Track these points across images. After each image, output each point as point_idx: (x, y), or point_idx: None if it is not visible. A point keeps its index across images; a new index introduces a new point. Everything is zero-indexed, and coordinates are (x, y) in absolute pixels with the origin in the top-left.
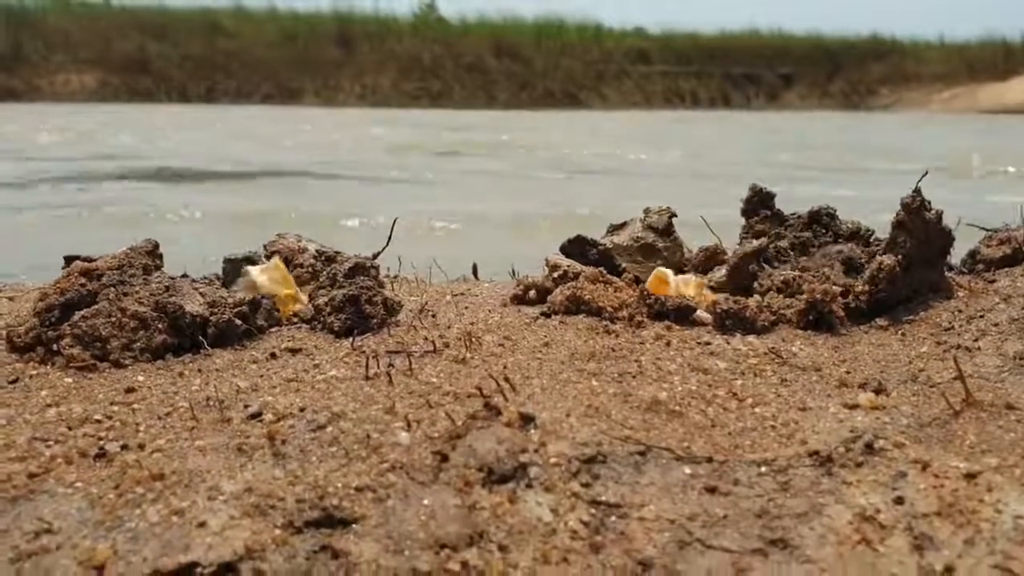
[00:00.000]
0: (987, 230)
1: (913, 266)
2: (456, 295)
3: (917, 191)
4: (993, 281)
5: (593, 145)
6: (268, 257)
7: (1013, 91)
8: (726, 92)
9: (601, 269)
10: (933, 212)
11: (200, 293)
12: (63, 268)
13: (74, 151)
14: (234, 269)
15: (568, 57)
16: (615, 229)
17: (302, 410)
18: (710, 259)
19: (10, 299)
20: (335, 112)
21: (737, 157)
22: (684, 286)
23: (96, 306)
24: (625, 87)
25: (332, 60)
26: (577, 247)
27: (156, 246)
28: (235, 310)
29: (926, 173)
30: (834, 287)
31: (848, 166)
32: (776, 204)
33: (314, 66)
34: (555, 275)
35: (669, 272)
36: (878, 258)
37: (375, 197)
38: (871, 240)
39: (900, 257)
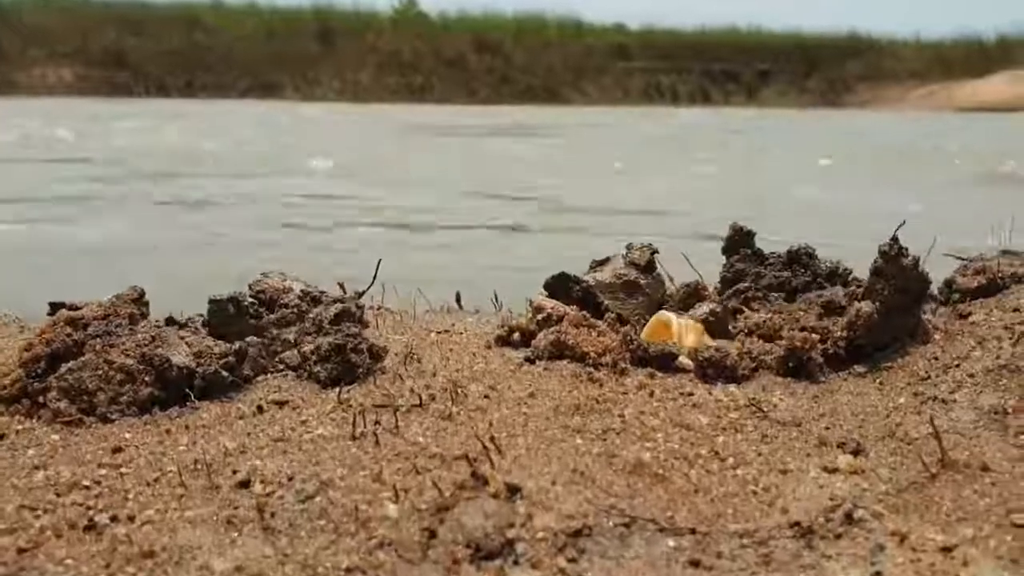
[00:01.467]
0: (963, 259)
1: (891, 312)
2: (440, 333)
3: (895, 238)
4: (968, 315)
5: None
6: (255, 296)
7: (988, 89)
8: (705, 88)
9: (584, 313)
10: (910, 258)
11: (186, 343)
12: (48, 315)
13: None
14: (219, 310)
15: (549, 53)
16: (598, 265)
17: (290, 478)
18: (692, 296)
19: None
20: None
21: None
22: (686, 333)
23: (82, 358)
24: (605, 83)
25: (311, 55)
26: (560, 283)
27: (142, 294)
28: (221, 361)
29: (903, 223)
30: (813, 335)
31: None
32: (756, 243)
33: (293, 61)
34: (539, 317)
35: (672, 317)
36: (856, 305)
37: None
38: (849, 279)
39: (878, 304)
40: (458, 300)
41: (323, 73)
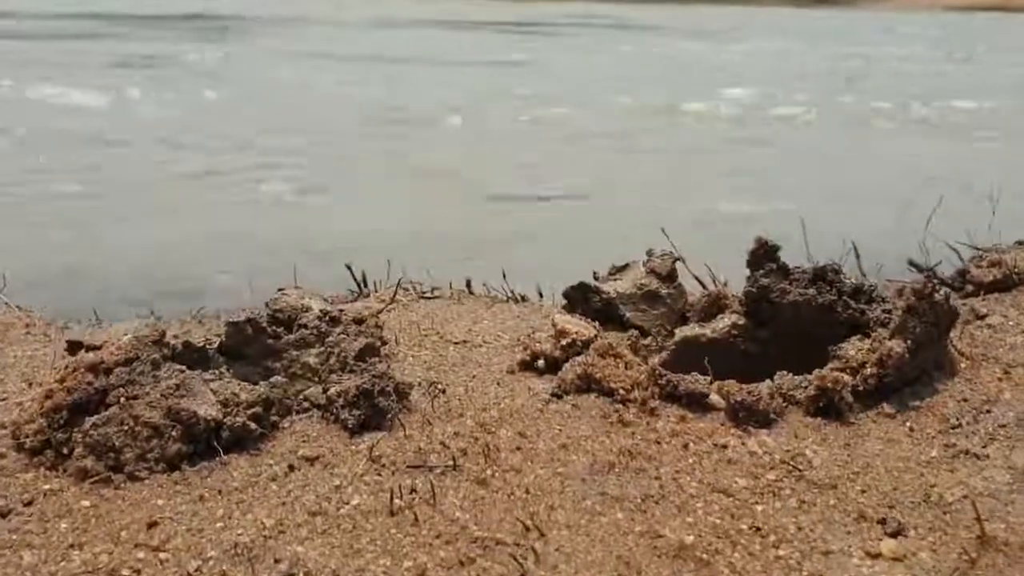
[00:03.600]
0: (978, 249)
1: (920, 348)
2: (458, 344)
3: (930, 276)
4: (984, 316)
5: None
6: (272, 315)
7: None
8: None
9: (610, 343)
10: (942, 293)
11: (211, 390)
12: (64, 351)
13: None
14: (236, 332)
15: None
16: (618, 271)
17: (335, 573)
18: (713, 305)
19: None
20: None
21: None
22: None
23: (107, 412)
24: None
25: None
26: (580, 293)
27: (163, 335)
28: (249, 412)
29: (939, 263)
30: (844, 375)
31: None
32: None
33: None
34: (563, 343)
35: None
36: (887, 344)
37: None
38: (874, 296)
39: (909, 342)
40: (468, 287)
41: None
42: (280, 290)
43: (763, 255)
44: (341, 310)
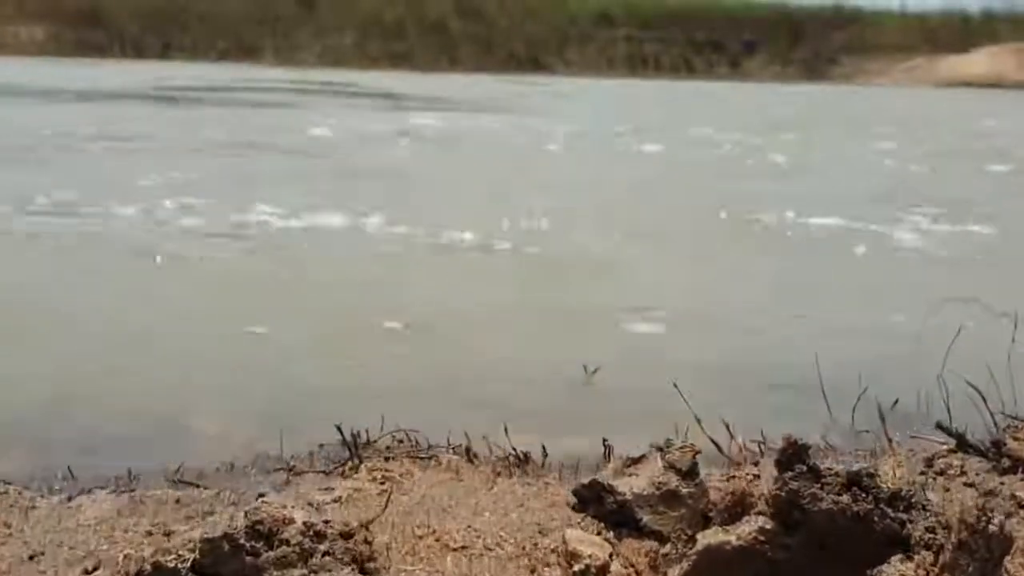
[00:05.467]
0: (1016, 420)
1: None
2: (456, 551)
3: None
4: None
5: None
6: (251, 529)
7: (972, 64)
8: (689, 59)
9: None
10: (998, 520)
11: None
12: None
13: None
14: (212, 549)
15: (532, 19)
16: (632, 463)
17: None
18: (737, 504)
19: None
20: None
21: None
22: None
23: None
24: (588, 52)
25: (291, 17)
26: (592, 492)
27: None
28: None
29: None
30: None
31: None
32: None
33: (273, 23)
34: (576, 569)
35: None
36: None
37: None
38: (913, 503)
39: None
40: (468, 454)
41: (304, 37)
42: (260, 496)
43: (793, 455)
44: (327, 521)
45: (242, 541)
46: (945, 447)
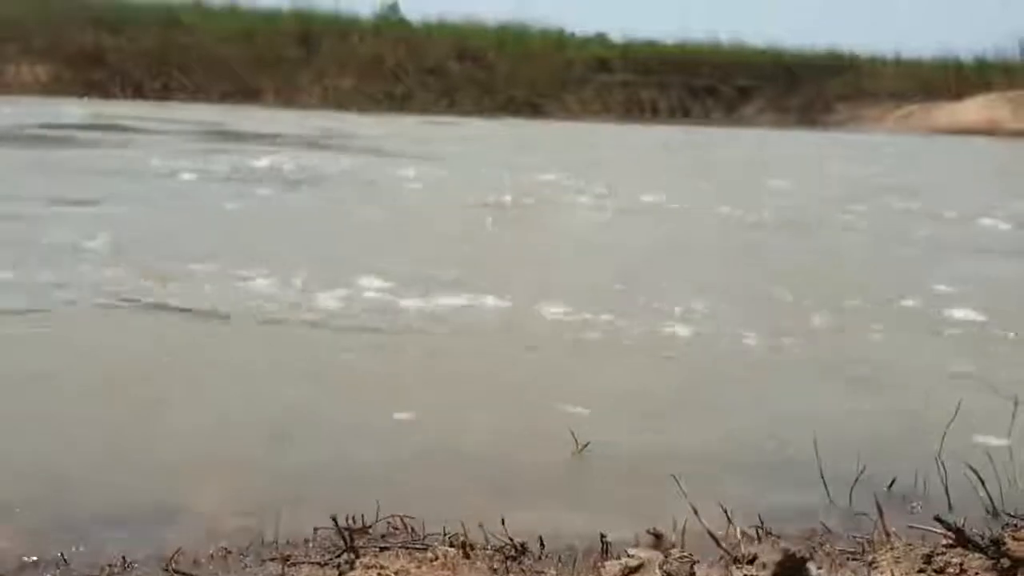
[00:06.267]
0: (1016, 518)
1: None
2: None
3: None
4: None
5: None
6: None
7: (966, 111)
8: (685, 104)
9: None
10: None
11: None
12: None
13: None
14: None
15: (531, 64)
16: (631, 572)
17: None
18: None
19: None
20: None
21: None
22: None
23: None
24: (585, 96)
25: (293, 59)
26: None
27: None
28: None
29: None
30: None
31: None
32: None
33: (274, 65)
34: None
35: None
36: None
37: None
38: None
39: None
40: (464, 548)
41: (304, 79)
42: None
43: (791, 570)
44: None
45: None
46: (944, 542)
